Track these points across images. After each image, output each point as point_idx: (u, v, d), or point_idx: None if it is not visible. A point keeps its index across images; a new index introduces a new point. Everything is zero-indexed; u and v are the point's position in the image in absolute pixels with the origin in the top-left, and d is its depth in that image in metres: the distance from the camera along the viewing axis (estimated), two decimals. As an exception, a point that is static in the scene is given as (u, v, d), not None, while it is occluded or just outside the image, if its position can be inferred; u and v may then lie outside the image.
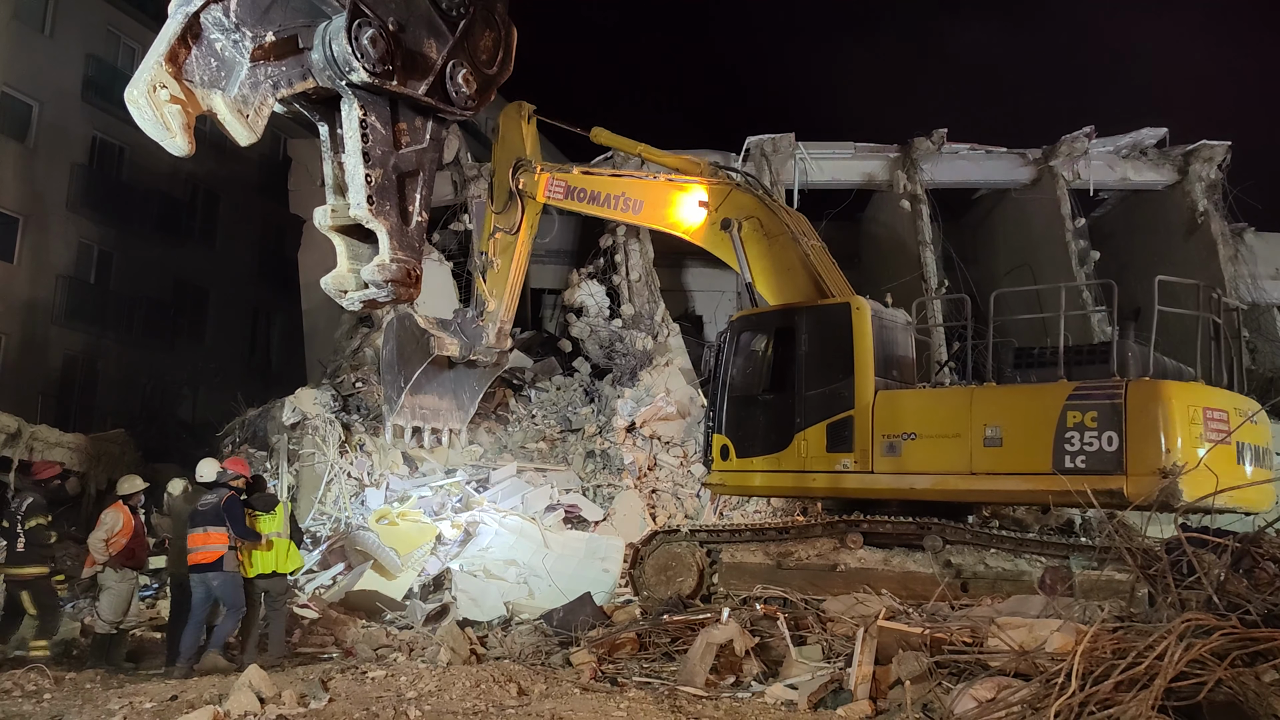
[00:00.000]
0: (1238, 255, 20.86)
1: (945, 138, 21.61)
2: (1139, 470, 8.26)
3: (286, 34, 4.85)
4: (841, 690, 6.87)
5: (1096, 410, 8.57)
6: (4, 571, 9.84)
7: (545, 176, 13.74)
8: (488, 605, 12.07)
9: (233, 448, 17.07)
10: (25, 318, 23.18)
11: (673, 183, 12.57)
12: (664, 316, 20.07)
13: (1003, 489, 9.21)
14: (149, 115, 4.29)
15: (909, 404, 9.86)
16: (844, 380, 10.09)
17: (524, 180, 13.88)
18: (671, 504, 15.38)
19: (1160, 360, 9.12)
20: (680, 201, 12.31)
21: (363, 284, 5.39)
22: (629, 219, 13.72)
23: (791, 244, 11.18)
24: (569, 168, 14.04)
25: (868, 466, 9.82)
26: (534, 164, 13.90)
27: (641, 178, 13.10)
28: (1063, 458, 8.65)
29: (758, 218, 11.48)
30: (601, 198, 13.19)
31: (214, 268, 28.27)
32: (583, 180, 13.44)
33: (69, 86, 24.12)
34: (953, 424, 9.40)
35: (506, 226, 14.26)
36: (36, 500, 10.03)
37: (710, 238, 11.91)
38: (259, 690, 6.76)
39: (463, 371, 14.86)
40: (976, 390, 9.60)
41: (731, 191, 11.86)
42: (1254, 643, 4.98)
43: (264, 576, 9.65)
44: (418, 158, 5.45)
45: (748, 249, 11.40)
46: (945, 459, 9.37)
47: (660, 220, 12.66)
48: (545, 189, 13.67)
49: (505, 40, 5.84)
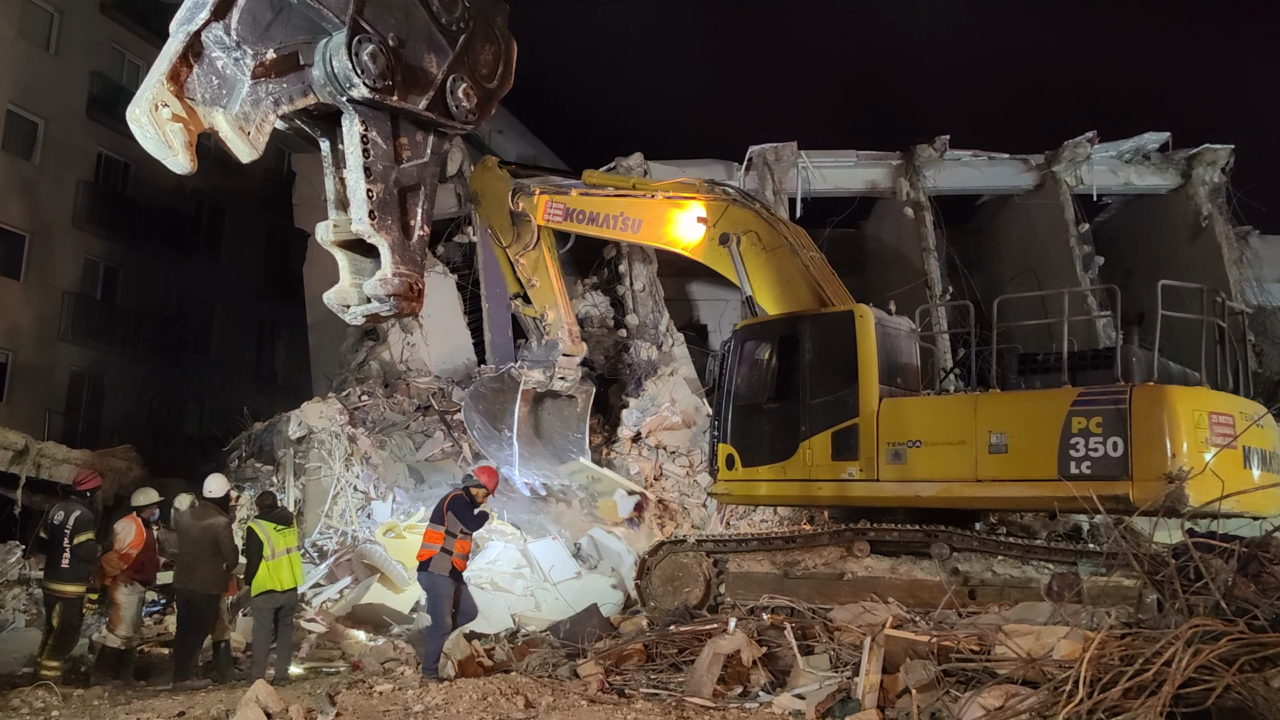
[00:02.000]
0: (1242, 259, 20.83)
1: (948, 144, 21.61)
2: (1144, 475, 8.23)
3: (287, 51, 4.88)
4: (849, 699, 6.85)
5: (1101, 416, 8.54)
6: (46, 586, 9.65)
7: (544, 199, 13.82)
8: (495, 618, 12.06)
9: (239, 462, 17.11)
10: (32, 334, 23.27)
11: (671, 200, 12.62)
12: (668, 326, 20.09)
13: (1008, 495, 9.19)
14: (151, 134, 4.32)
15: (913, 411, 9.84)
16: (848, 388, 10.07)
17: (523, 203, 13.96)
18: (678, 513, 15.37)
19: (1165, 365, 9.09)
20: (678, 219, 12.36)
21: (365, 298, 5.41)
22: (629, 238, 13.80)
23: (791, 256, 11.20)
24: (566, 189, 14.05)
25: (873, 475, 9.80)
26: (532, 186, 13.94)
27: (639, 196, 13.13)
28: (1068, 463, 8.63)
29: (756, 231, 11.52)
30: (600, 218, 13.24)
31: (219, 282, 28.36)
32: (581, 202, 13.52)
33: (74, 104, 24.26)
34: (957, 431, 9.38)
35: (524, 247, 14.34)
36: (85, 514, 9.60)
37: (709, 253, 11.96)
38: (266, 705, 6.75)
39: (553, 409, 15.13)
40: (981, 397, 9.57)
41: (729, 207, 11.91)
42: (1262, 648, 4.96)
43: (283, 591, 9.64)
44: (419, 172, 5.47)
45: (747, 263, 11.44)
46: (950, 466, 9.35)
47: (659, 238, 12.73)
48: (544, 212, 13.74)
49: (505, 54, 5.86)
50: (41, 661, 9.31)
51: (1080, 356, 9.44)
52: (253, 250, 29.70)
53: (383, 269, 5.24)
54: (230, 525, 10.10)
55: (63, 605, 9.41)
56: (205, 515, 10.06)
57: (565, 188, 14.05)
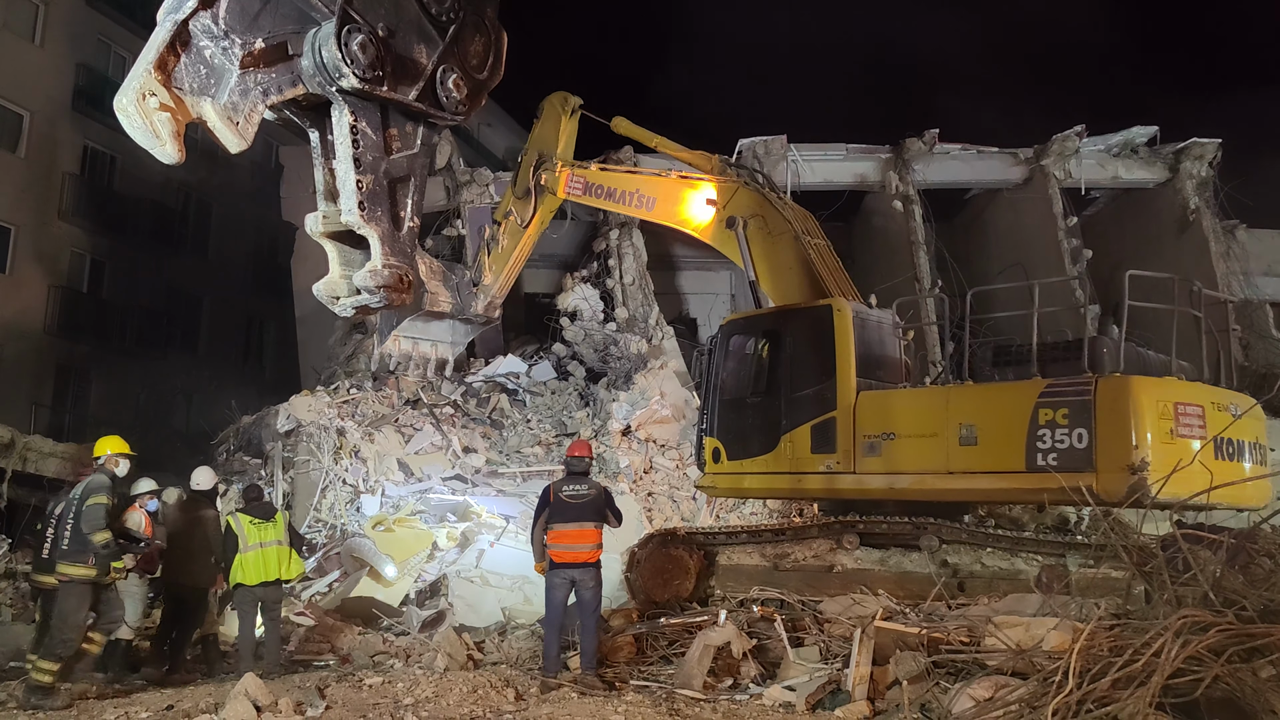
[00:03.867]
0: (1229, 252, 20.95)
1: (937, 138, 21.68)
2: (1108, 467, 8.13)
3: (276, 41, 4.84)
4: (839, 691, 6.87)
5: (1067, 407, 8.44)
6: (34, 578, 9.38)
7: (566, 172, 13.92)
8: (484, 611, 12.05)
9: (227, 456, 17.05)
10: (18, 328, 23.11)
11: (684, 180, 12.69)
12: (658, 319, 20.09)
13: (978, 487, 9.14)
14: (138, 123, 4.27)
15: (889, 404, 9.86)
16: (827, 382, 10.10)
17: (545, 177, 14.02)
18: (668, 507, 15.39)
19: (1144, 355, 9.09)
20: (690, 199, 12.40)
21: (355, 290, 5.38)
22: (643, 215, 13.91)
23: (793, 243, 11.21)
24: (588, 164, 14.21)
25: (850, 467, 9.81)
26: (556, 160, 14.00)
27: (655, 174, 13.26)
28: (1035, 455, 8.59)
29: (762, 216, 11.51)
30: (618, 194, 13.35)
31: (207, 276, 28.23)
32: (600, 177, 13.63)
33: (60, 96, 24.10)
34: (930, 423, 9.37)
35: (520, 215, 14.31)
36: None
37: (718, 235, 11.98)
38: (255, 699, 6.73)
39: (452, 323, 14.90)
40: (952, 389, 9.59)
41: (738, 190, 11.90)
42: (1250, 639, 4.98)
43: (264, 585, 9.58)
44: (409, 163, 5.44)
45: (752, 247, 11.44)
46: (923, 458, 9.34)
47: (672, 217, 12.78)
48: (566, 185, 13.86)
49: (496, 45, 5.83)
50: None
51: (1052, 348, 9.34)
52: (240, 243, 29.57)
53: (372, 260, 5.21)
54: (219, 518, 10.03)
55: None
56: (193, 508, 10.01)
57: (586, 162, 14.15)
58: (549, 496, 8.61)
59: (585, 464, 8.91)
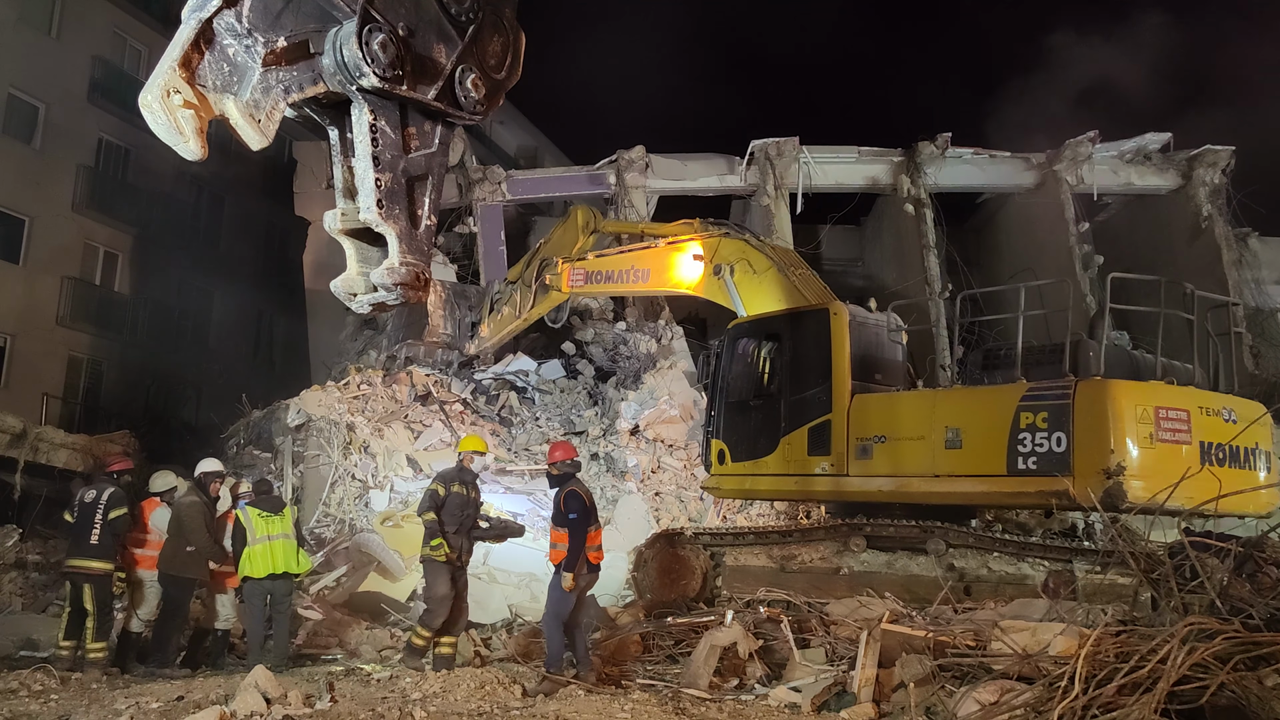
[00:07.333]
0: (1242, 260, 20.92)
1: (949, 141, 21.66)
2: (1085, 471, 8.12)
3: (298, 39, 4.85)
4: (845, 693, 6.89)
5: (1047, 411, 8.46)
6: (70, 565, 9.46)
7: (567, 268, 14.56)
8: (491, 608, 12.10)
9: (237, 449, 17.12)
10: (31, 319, 23.25)
11: (671, 245, 13.16)
12: (668, 319, 20.13)
13: (962, 491, 9.15)
14: (163, 120, 4.30)
15: (880, 407, 9.91)
16: (823, 385, 10.17)
17: (550, 277, 14.67)
18: (675, 506, 15.41)
19: (1136, 358, 9.09)
20: (679, 261, 12.90)
21: (372, 287, 5.40)
22: (643, 288, 14.75)
23: (777, 275, 11.58)
24: (585, 254, 14.66)
25: (843, 470, 9.88)
26: (557, 260, 14.53)
27: (645, 248, 13.78)
28: (1016, 459, 8.60)
29: (746, 259, 11.96)
30: (615, 274, 13.90)
31: (219, 269, 28.35)
32: (598, 264, 14.17)
33: (75, 89, 24.21)
34: (918, 427, 9.41)
35: (521, 303, 15.33)
36: (117, 492, 9.40)
37: (709, 287, 12.45)
38: (265, 691, 6.80)
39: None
40: (939, 392, 9.65)
41: (721, 241, 12.37)
42: (1257, 646, 4.99)
43: (271, 578, 9.62)
44: (426, 162, 5.46)
45: (741, 290, 11.86)
46: (910, 461, 9.38)
47: (665, 283, 13.37)
48: (569, 280, 14.44)
49: (514, 45, 5.85)
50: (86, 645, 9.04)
51: (1038, 351, 9.35)
52: (252, 238, 29.69)
53: (390, 258, 5.21)
54: (199, 506, 9.76)
55: (93, 585, 9.19)
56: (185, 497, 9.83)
57: (582, 253, 14.65)
58: (586, 502, 8.28)
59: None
